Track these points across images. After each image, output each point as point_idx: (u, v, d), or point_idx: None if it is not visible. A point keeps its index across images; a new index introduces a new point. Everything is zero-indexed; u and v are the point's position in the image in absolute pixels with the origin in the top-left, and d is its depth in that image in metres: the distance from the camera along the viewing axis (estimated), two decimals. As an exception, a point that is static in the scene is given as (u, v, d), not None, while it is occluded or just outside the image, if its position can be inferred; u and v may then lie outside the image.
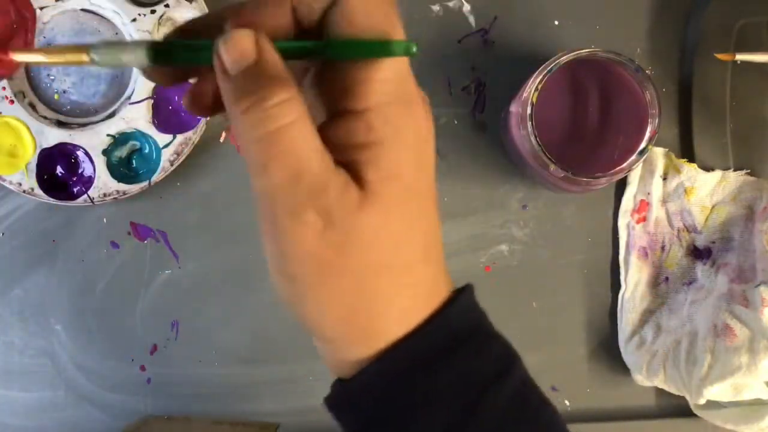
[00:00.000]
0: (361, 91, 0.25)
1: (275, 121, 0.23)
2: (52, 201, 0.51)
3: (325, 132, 0.25)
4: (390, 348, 0.26)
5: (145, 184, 0.51)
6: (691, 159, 0.52)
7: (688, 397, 0.50)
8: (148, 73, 0.26)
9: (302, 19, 0.25)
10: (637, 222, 0.52)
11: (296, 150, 0.24)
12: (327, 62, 0.26)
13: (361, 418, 0.28)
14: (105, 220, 0.53)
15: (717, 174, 0.51)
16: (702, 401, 0.48)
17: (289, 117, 0.23)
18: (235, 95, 0.24)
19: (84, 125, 0.51)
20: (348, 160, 0.25)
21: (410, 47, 0.25)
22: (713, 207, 0.52)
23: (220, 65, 0.24)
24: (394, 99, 0.25)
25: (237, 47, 0.24)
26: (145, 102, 0.51)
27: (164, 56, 0.25)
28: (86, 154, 0.51)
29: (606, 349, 0.53)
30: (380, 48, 0.25)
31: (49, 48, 0.25)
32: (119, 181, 0.51)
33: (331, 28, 0.25)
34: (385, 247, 0.25)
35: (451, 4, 0.53)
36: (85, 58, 0.25)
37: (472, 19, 0.53)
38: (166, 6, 0.50)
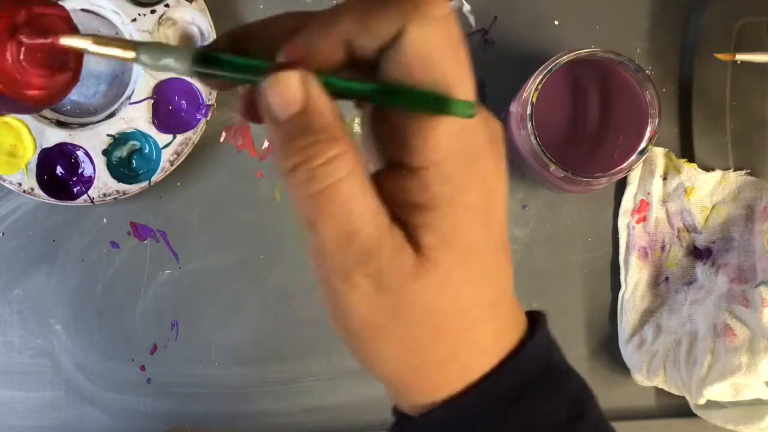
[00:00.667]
0: (418, 146, 0.23)
1: (324, 179, 0.21)
2: (52, 201, 0.51)
3: (381, 182, 0.23)
4: (454, 396, 0.25)
5: (145, 184, 0.51)
6: (691, 159, 0.52)
7: (688, 397, 0.50)
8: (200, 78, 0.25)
9: (357, 56, 0.23)
10: (637, 222, 0.52)
11: (346, 209, 0.22)
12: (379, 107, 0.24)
13: None
14: (105, 220, 0.53)
15: (717, 174, 0.51)
16: (702, 401, 0.48)
17: (340, 173, 0.21)
18: (282, 149, 0.22)
19: (84, 125, 0.51)
20: (404, 219, 0.23)
21: (469, 109, 0.22)
22: (713, 207, 0.52)
23: (266, 109, 0.22)
24: (456, 156, 0.23)
25: (283, 93, 0.22)
26: (145, 102, 0.51)
27: (209, 67, 0.24)
28: (86, 154, 0.51)
29: (606, 349, 0.53)
30: (435, 104, 0.22)
31: (97, 36, 0.24)
32: (119, 181, 0.51)
33: (386, 70, 0.23)
34: (443, 314, 0.24)
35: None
36: (130, 54, 0.24)
37: (472, 19, 0.53)
38: (166, 6, 0.50)
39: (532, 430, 0.25)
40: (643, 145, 0.45)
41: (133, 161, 0.52)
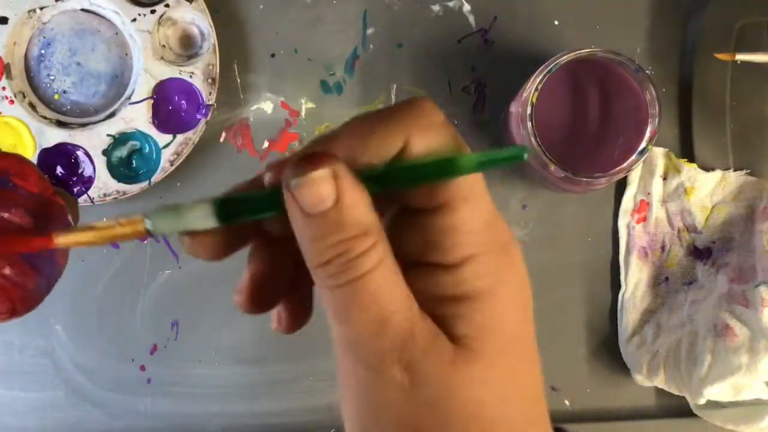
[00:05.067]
0: (448, 244, 0.22)
1: (358, 269, 0.21)
2: (52, 201, 0.51)
3: (408, 280, 0.22)
4: None
5: (145, 184, 0.51)
6: (691, 159, 0.52)
7: (688, 397, 0.50)
8: (193, 244, 0.24)
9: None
10: (637, 222, 0.52)
11: (380, 297, 0.21)
12: (403, 208, 0.24)
13: None
14: (105, 220, 0.53)
15: (717, 174, 0.51)
16: (702, 401, 0.48)
17: (373, 262, 0.21)
18: (314, 244, 0.21)
19: (84, 125, 0.51)
20: (436, 312, 0.22)
21: (475, 165, 0.21)
22: (713, 207, 0.52)
23: (294, 206, 0.21)
24: (488, 248, 0.22)
25: (315, 190, 0.21)
26: (145, 102, 0.51)
27: (232, 211, 0.22)
28: (86, 154, 0.51)
29: (606, 349, 0.53)
30: (443, 166, 0.21)
31: (96, 225, 0.22)
32: (119, 181, 0.51)
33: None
34: (490, 410, 0.22)
35: (451, 4, 0.53)
36: (140, 228, 0.22)
37: (472, 19, 0.53)
38: (166, 6, 0.50)
39: None
40: (643, 145, 0.45)
41: (133, 161, 0.52)
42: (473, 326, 0.22)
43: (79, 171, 0.52)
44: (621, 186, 0.53)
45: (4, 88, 0.50)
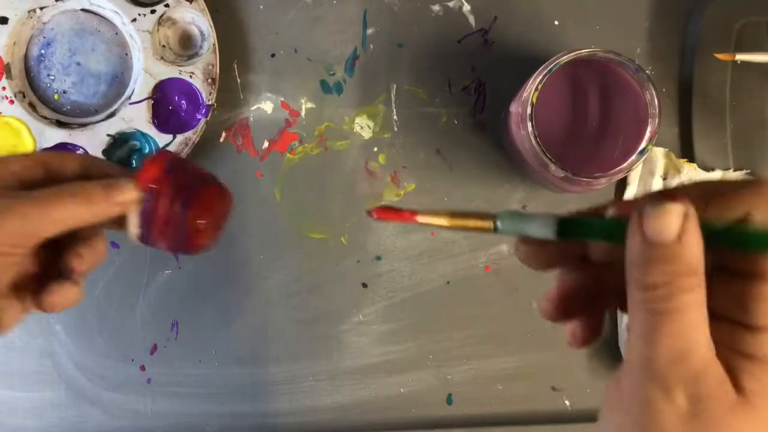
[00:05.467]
0: (756, 309, 0.25)
1: (679, 302, 0.24)
2: (52, 201, 0.51)
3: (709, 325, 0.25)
4: None
5: (145, 184, 0.51)
6: (691, 159, 0.52)
7: (688, 397, 0.50)
8: (527, 251, 0.28)
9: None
10: (637, 222, 0.52)
11: (689, 334, 0.24)
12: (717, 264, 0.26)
13: None
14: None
15: (717, 174, 0.51)
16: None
17: (693, 301, 0.24)
18: (648, 266, 0.24)
19: (84, 125, 0.51)
20: (727, 362, 0.25)
21: None
22: (713, 207, 0.51)
23: (637, 230, 0.24)
24: None
25: (663, 219, 0.24)
26: (145, 102, 0.51)
27: (570, 231, 0.26)
28: (86, 154, 0.51)
29: (606, 349, 0.53)
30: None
31: (453, 212, 0.27)
32: (119, 181, 0.51)
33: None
34: None
35: (451, 4, 0.53)
36: (488, 225, 0.26)
37: (472, 19, 0.53)
38: (166, 6, 0.50)
39: None
40: (643, 145, 0.45)
41: (133, 161, 0.52)
42: (760, 385, 0.24)
43: (79, 171, 0.52)
44: (621, 186, 0.53)
45: (4, 88, 0.50)
